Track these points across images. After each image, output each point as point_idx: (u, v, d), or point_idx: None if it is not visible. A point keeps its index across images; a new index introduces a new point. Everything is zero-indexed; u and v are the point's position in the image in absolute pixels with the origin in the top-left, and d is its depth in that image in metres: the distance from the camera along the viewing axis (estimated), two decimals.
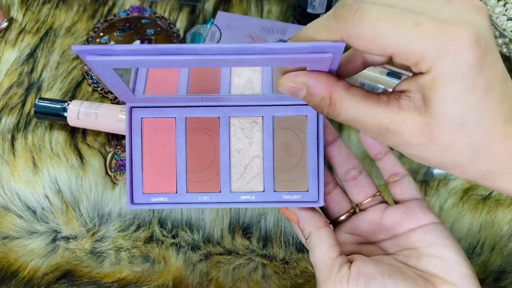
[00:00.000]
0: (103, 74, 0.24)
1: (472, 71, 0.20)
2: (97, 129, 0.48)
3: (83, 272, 0.46)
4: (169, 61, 0.21)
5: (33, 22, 0.59)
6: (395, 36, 0.20)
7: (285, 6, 0.59)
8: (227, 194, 0.30)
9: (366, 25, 0.20)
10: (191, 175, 0.31)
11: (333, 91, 0.23)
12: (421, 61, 0.20)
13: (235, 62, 0.21)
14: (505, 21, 0.53)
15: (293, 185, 0.31)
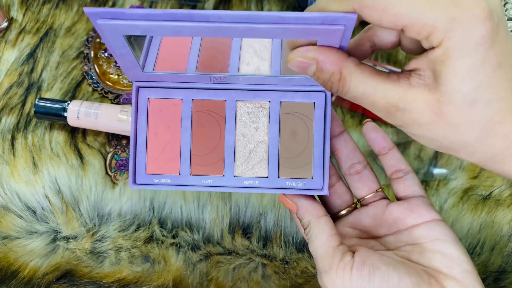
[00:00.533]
0: (113, 42, 0.23)
1: (484, 44, 0.20)
2: (97, 129, 0.48)
3: (83, 272, 0.46)
4: (179, 28, 0.21)
5: (33, 22, 0.59)
6: (407, 6, 0.19)
7: (285, 6, 0.59)
8: (230, 179, 0.30)
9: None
10: (195, 158, 0.30)
11: (343, 66, 0.23)
12: (432, 33, 0.20)
13: (246, 31, 0.21)
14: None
15: (297, 172, 0.30)
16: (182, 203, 0.45)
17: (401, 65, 0.53)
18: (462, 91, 0.21)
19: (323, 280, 0.26)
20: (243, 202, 0.44)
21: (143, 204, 0.45)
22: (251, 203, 0.44)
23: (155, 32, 0.22)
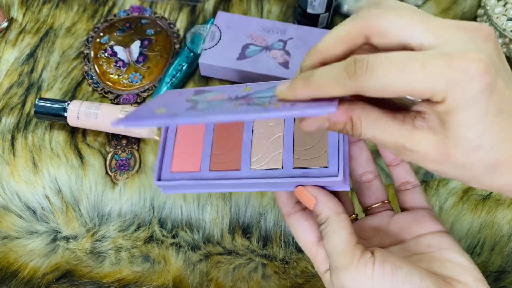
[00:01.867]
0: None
1: (483, 97, 0.21)
2: (97, 129, 0.48)
3: (83, 272, 0.46)
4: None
5: (33, 22, 0.59)
6: (405, 83, 0.21)
7: (285, 6, 0.59)
8: (246, 172, 0.31)
9: (377, 80, 0.21)
10: (214, 156, 0.32)
11: (352, 113, 0.24)
12: (433, 95, 0.21)
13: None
14: (505, 21, 0.53)
15: (312, 162, 0.30)
16: (182, 203, 0.45)
17: None
18: (467, 137, 0.22)
19: (340, 277, 0.25)
20: (243, 202, 0.44)
21: (143, 204, 0.45)
22: (251, 203, 0.44)
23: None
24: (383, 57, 0.22)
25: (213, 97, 0.28)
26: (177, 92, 0.31)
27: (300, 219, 0.30)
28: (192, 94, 0.30)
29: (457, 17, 0.58)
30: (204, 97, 0.29)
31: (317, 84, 0.24)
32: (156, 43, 0.55)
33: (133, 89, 0.53)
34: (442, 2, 0.59)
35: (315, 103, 0.24)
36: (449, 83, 0.21)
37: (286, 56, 0.51)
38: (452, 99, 0.21)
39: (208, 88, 0.31)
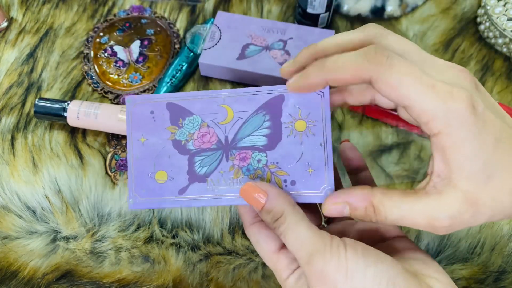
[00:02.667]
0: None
1: (478, 128, 0.22)
2: (97, 129, 0.48)
3: (83, 272, 0.46)
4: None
5: (33, 22, 0.59)
6: (415, 91, 0.22)
7: (285, 6, 0.59)
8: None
9: (395, 74, 0.22)
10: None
11: (372, 199, 0.25)
12: (431, 120, 0.22)
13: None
14: (505, 21, 0.53)
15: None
16: None
17: None
18: (478, 171, 0.23)
19: (316, 262, 0.24)
20: None
21: None
22: None
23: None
24: (403, 59, 0.23)
25: (200, 143, 0.30)
26: (148, 110, 0.31)
27: (260, 228, 0.29)
28: (170, 123, 0.30)
29: (457, 17, 0.58)
30: (187, 134, 0.30)
31: (332, 66, 0.24)
32: (156, 43, 0.55)
33: (133, 89, 0.53)
34: (442, 2, 0.59)
35: (314, 193, 0.28)
36: (448, 114, 0.22)
37: (286, 56, 0.51)
38: (449, 130, 0.22)
39: (181, 105, 0.30)
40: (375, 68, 0.23)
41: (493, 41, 0.55)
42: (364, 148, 0.47)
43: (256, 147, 0.29)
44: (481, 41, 0.55)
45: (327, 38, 0.26)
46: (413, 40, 0.56)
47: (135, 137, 0.31)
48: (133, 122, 0.31)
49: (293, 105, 0.29)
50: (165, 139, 0.30)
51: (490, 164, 0.23)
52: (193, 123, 0.30)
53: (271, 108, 0.29)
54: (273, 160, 0.29)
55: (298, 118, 0.29)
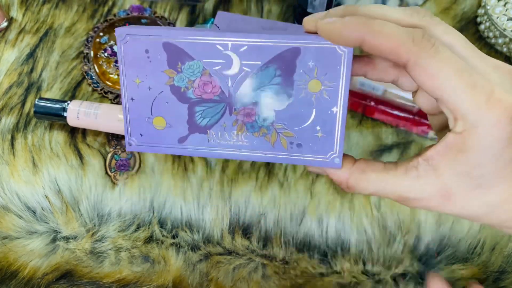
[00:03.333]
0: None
1: (500, 144, 0.22)
2: (97, 129, 0.48)
3: (83, 272, 0.46)
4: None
5: (32, 22, 0.59)
6: (453, 86, 0.21)
7: (285, 6, 0.59)
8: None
9: (436, 62, 0.21)
10: None
11: (349, 178, 0.26)
12: (460, 119, 0.22)
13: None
14: (505, 21, 0.53)
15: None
16: (182, 203, 0.45)
17: None
18: (470, 175, 0.23)
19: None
20: (243, 202, 0.44)
21: (143, 204, 0.45)
22: (251, 203, 0.44)
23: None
24: (449, 50, 0.22)
25: (201, 92, 0.27)
26: (144, 50, 0.27)
27: None
28: (168, 66, 0.27)
29: (457, 17, 0.58)
30: (186, 80, 0.27)
31: (376, 27, 0.22)
32: None
33: None
34: (442, 1, 0.59)
35: (320, 159, 0.26)
36: (478, 119, 0.22)
37: None
38: (471, 137, 0.22)
39: (180, 46, 0.27)
40: (417, 51, 0.22)
41: (493, 41, 0.55)
42: (364, 148, 0.47)
43: (262, 104, 0.27)
44: (481, 41, 0.55)
45: (371, 5, 0.24)
46: None
47: (129, 77, 0.27)
48: (126, 60, 0.27)
49: (310, 61, 0.25)
50: (162, 83, 0.27)
51: (486, 177, 0.23)
52: (194, 69, 0.27)
53: (284, 62, 0.26)
54: (280, 119, 0.26)
55: (313, 77, 0.26)
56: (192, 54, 0.26)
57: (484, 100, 0.21)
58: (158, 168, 0.46)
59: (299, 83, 0.26)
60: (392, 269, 0.42)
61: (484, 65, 0.23)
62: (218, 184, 0.45)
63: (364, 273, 0.43)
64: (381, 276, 0.43)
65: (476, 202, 0.24)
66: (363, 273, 0.43)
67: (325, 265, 0.43)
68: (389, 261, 0.42)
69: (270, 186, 0.45)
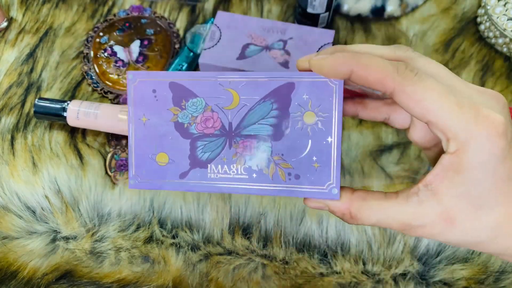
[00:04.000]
0: None
1: (495, 160, 0.22)
2: (97, 129, 0.48)
3: (83, 272, 0.46)
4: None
5: (32, 22, 0.59)
6: (440, 106, 0.22)
7: (285, 6, 0.59)
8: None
9: (421, 88, 0.22)
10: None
11: (350, 206, 0.26)
12: (452, 139, 0.23)
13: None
14: (505, 21, 0.53)
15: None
16: (182, 203, 0.45)
17: None
18: (470, 195, 0.23)
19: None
20: (243, 202, 0.44)
21: (143, 204, 0.45)
22: (251, 203, 0.44)
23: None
24: (430, 77, 0.23)
25: (203, 127, 0.29)
26: (151, 90, 0.29)
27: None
28: (173, 104, 0.29)
29: (457, 17, 0.58)
30: (189, 117, 0.29)
31: (363, 60, 0.24)
32: (156, 42, 0.55)
33: None
34: (442, 1, 0.59)
35: (318, 190, 0.27)
36: (470, 137, 0.22)
37: (286, 56, 0.51)
38: (465, 154, 0.23)
39: (186, 85, 0.29)
40: (402, 80, 0.23)
41: (493, 41, 0.55)
42: (364, 148, 0.47)
43: (261, 136, 0.28)
44: (481, 41, 0.55)
45: (358, 44, 0.26)
46: (413, 40, 0.56)
47: (137, 116, 0.29)
48: (135, 100, 0.29)
49: (304, 94, 0.27)
50: (167, 120, 0.29)
51: (486, 195, 0.23)
52: (197, 105, 0.29)
53: (280, 96, 0.28)
54: (278, 151, 0.28)
55: (308, 109, 0.27)
56: (196, 91, 0.28)
57: (472, 117, 0.22)
58: None
59: (295, 115, 0.27)
60: (392, 269, 0.42)
61: (468, 90, 0.24)
62: None
63: (364, 273, 0.43)
64: (381, 276, 0.43)
65: (479, 225, 0.24)
66: (363, 273, 0.43)
67: (325, 265, 0.43)
68: (389, 261, 0.42)
69: None
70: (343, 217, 0.27)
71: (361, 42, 0.55)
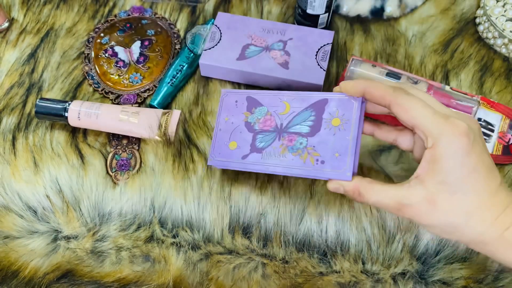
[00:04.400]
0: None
1: (461, 153, 0.31)
2: (98, 129, 0.48)
3: (84, 271, 0.47)
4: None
5: (34, 22, 0.59)
6: (421, 114, 0.32)
7: (285, 7, 0.59)
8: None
9: (409, 101, 0.33)
10: None
11: (359, 186, 0.34)
12: (429, 136, 0.32)
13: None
14: (504, 22, 0.53)
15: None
16: (183, 203, 0.45)
17: (400, 65, 0.54)
18: (447, 182, 0.31)
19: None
20: (243, 202, 0.45)
21: (144, 204, 0.45)
22: (251, 203, 0.45)
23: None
24: (416, 97, 0.33)
25: (263, 125, 0.41)
26: (234, 101, 0.43)
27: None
28: (247, 110, 0.42)
29: (456, 18, 0.58)
30: (255, 119, 0.41)
31: (372, 84, 0.35)
32: (156, 43, 0.56)
33: (134, 89, 0.53)
34: (441, 2, 0.59)
35: (337, 172, 0.36)
36: (440, 134, 0.31)
37: (286, 57, 0.51)
38: (438, 148, 0.31)
39: (257, 98, 0.42)
40: (396, 96, 0.33)
41: (492, 41, 0.55)
42: (364, 148, 0.47)
43: (301, 133, 0.39)
44: (480, 42, 0.56)
45: (370, 82, 0.36)
46: (412, 40, 0.56)
47: (222, 117, 0.43)
48: (223, 107, 0.43)
49: (334, 107, 0.38)
50: (241, 120, 0.42)
51: (459, 183, 0.31)
52: (261, 111, 0.41)
53: (317, 107, 0.39)
54: (311, 144, 0.38)
55: (335, 116, 0.38)
56: (262, 102, 0.42)
57: (443, 121, 0.31)
58: (159, 168, 0.46)
59: (326, 120, 0.38)
60: (391, 268, 0.42)
61: (446, 109, 0.33)
62: (218, 184, 0.45)
63: (364, 272, 0.43)
64: (380, 276, 0.43)
65: (455, 208, 0.31)
66: (363, 272, 0.43)
67: (324, 265, 0.43)
68: (388, 261, 0.42)
69: (270, 186, 0.45)
70: (353, 195, 0.35)
71: (360, 43, 0.56)
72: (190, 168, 0.46)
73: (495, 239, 0.31)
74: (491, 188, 0.31)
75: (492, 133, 0.48)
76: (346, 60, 0.54)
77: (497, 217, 0.31)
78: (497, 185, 0.32)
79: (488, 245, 0.32)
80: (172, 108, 0.52)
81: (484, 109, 0.49)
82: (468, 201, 0.31)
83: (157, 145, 0.47)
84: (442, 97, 0.45)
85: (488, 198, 0.31)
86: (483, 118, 0.49)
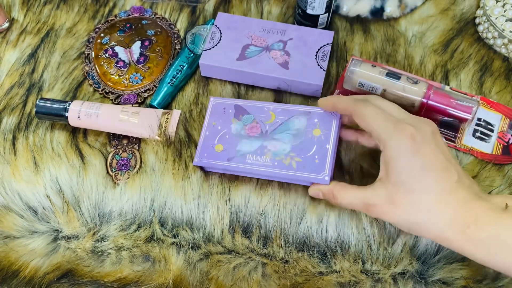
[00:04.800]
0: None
1: (408, 153, 0.34)
2: (98, 129, 0.48)
3: (84, 271, 0.47)
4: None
5: (34, 22, 0.59)
6: (373, 121, 0.36)
7: (285, 7, 0.59)
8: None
9: (365, 110, 0.37)
10: None
11: (334, 189, 0.39)
12: (381, 140, 0.35)
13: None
14: (504, 22, 0.53)
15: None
16: (183, 203, 0.45)
17: (400, 65, 0.54)
18: (400, 182, 0.34)
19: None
20: (243, 202, 0.45)
21: (144, 203, 0.45)
22: (251, 203, 0.45)
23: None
24: (373, 105, 0.37)
25: (249, 131, 0.44)
26: (223, 108, 0.46)
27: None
28: (234, 117, 0.45)
29: (456, 18, 0.58)
30: (242, 125, 0.44)
31: (338, 99, 0.41)
32: (156, 43, 0.56)
33: (134, 89, 0.53)
34: (441, 2, 0.59)
35: (316, 176, 0.40)
36: (389, 138, 0.35)
37: (286, 57, 0.51)
38: (388, 149, 0.35)
39: (244, 107, 0.46)
40: (355, 106, 0.38)
41: (492, 41, 0.55)
42: (363, 148, 0.47)
43: (284, 140, 0.43)
44: (480, 42, 0.56)
45: (336, 98, 0.42)
46: (412, 40, 0.56)
47: (210, 121, 0.46)
48: (212, 112, 0.46)
49: (315, 119, 0.43)
50: (228, 126, 0.45)
51: (411, 182, 0.33)
52: (248, 119, 0.45)
53: (301, 118, 0.44)
54: (294, 150, 0.42)
55: (316, 127, 0.43)
56: (249, 111, 0.45)
57: (392, 125, 0.35)
58: (159, 168, 0.47)
59: (308, 130, 0.43)
60: (391, 268, 0.42)
61: (402, 114, 0.37)
62: (219, 184, 0.45)
63: (364, 272, 0.43)
64: (380, 275, 0.43)
65: (415, 206, 0.33)
66: (363, 272, 0.43)
67: (324, 264, 0.43)
68: (388, 260, 0.43)
69: (270, 186, 0.45)
70: (329, 197, 0.39)
71: (360, 43, 0.56)
72: (190, 168, 0.46)
73: (459, 237, 0.32)
74: (447, 186, 0.33)
75: (492, 133, 0.48)
76: (346, 60, 0.54)
77: (456, 215, 0.32)
78: (453, 183, 0.33)
79: (453, 242, 0.33)
80: (172, 108, 0.52)
81: (484, 109, 0.49)
82: (426, 199, 0.33)
83: (157, 145, 0.47)
84: (442, 97, 0.45)
85: (446, 195, 0.33)
86: (483, 118, 0.49)
